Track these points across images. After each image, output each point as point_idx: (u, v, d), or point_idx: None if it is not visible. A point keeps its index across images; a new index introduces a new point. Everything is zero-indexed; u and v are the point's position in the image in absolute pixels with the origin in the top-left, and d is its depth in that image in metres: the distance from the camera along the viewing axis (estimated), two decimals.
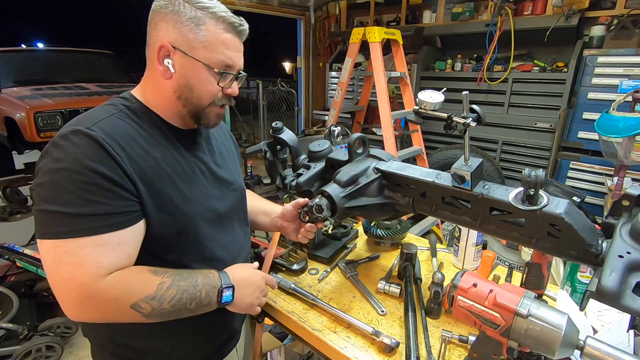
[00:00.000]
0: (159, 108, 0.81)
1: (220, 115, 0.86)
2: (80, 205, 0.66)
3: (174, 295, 0.72)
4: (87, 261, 0.66)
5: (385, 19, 4.83)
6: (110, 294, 0.67)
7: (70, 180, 0.65)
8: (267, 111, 5.95)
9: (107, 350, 0.85)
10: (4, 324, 2.00)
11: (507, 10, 3.34)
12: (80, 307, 0.67)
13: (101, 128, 0.70)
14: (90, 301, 0.66)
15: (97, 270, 0.66)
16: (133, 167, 0.71)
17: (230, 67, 0.79)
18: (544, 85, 3.26)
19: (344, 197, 0.85)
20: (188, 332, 0.87)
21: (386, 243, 1.34)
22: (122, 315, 0.69)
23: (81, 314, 0.68)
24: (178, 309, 0.73)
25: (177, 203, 0.78)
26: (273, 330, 1.59)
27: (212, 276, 0.79)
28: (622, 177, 2.33)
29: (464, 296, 0.69)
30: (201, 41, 0.75)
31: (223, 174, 0.93)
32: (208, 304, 0.78)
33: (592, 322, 0.91)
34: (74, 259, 0.65)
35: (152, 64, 0.78)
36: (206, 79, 0.77)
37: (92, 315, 0.69)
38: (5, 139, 3.89)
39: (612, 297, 0.51)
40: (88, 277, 0.65)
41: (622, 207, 0.63)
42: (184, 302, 0.74)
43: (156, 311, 0.71)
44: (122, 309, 0.68)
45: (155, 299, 0.70)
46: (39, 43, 14.97)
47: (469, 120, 0.73)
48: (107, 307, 0.68)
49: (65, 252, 0.65)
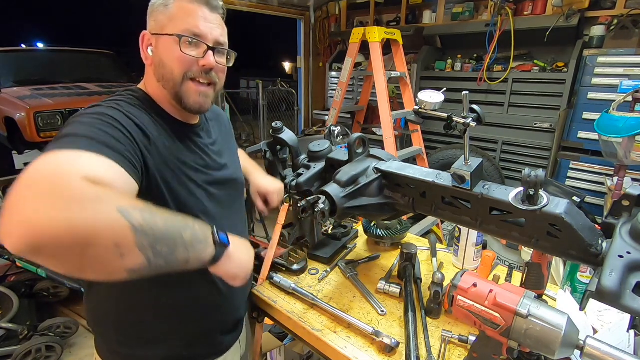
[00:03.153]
0: (157, 99, 0.83)
1: (202, 93, 0.82)
2: (102, 136, 0.63)
3: (167, 216, 0.58)
4: (83, 161, 0.55)
5: (385, 19, 4.83)
6: (93, 191, 0.50)
7: (97, 120, 0.66)
8: (267, 111, 5.94)
9: (113, 342, 0.85)
10: (4, 324, 2.00)
11: (507, 10, 3.33)
12: (47, 208, 0.46)
13: (123, 108, 0.73)
14: (66, 198, 0.48)
15: (89, 172, 0.53)
16: (150, 144, 0.73)
17: (197, 34, 0.78)
18: (544, 85, 3.26)
19: (344, 197, 0.85)
20: (196, 316, 0.87)
21: (386, 243, 1.34)
22: (103, 221, 0.49)
23: (44, 222, 0.45)
24: (172, 234, 0.57)
25: (179, 193, 0.79)
26: (273, 330, 1.59)
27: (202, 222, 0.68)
28: (622, 177, 2.33)
29: (464, 296, 0.69)
30: (168, 17, 0.78)
31: (224, 165, 0.95)
32: (204, 240, 0.64)
33: (592, 322, 0.91)
34: (68, 158, 0.54)
35: (142, 57, 0.83)
36: (172, 47, 0.78)
37: (59, 221, 0.46)
38: (5, 139, 3.88)
39: (612, 297, 0.51)
40: (75, 173, 0.51)
41: (622, 207, 0.63)
42: (178, 227, 0.59)
43: (148, 225, 0.53)
44: (105, 210, 0.50)
45: (146, 211, 0.54)
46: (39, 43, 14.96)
47: (469, 120, 0.73)
48: (85, 208, 0.48)
49: (62, 155, 0.54)
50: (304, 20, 5.31)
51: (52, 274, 2.27)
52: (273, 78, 6.21)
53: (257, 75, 6.79)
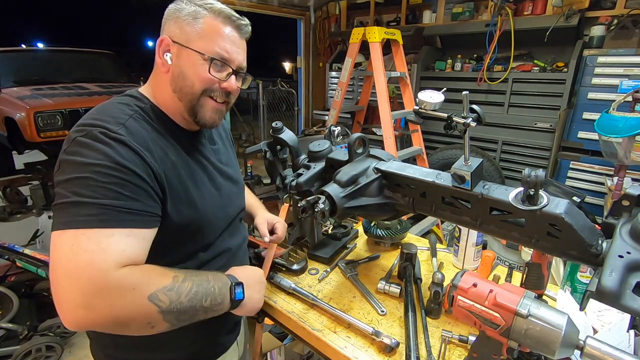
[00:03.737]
0: (164, 106, 0.83)
1: (217, 111, 0.84)
2: (114, 198, 0.65)
3: (190, 288, 0.69)
4: (112, 248, 0.62)
5: (385, 19, 4.83)
6: (128, 281, 0.62)
7: (105, 175, 0.65)
8: (267, 111, 5.95)
9: (109, 346, 0.85)
10: (4, 324, 2.01)
11: (507, 10, 3.34)
12: (91, 301, 0.59)
13: (127, 131, 0.71)
14: (106, 290, 0.60)
15: (120, 258, 0.62)
16: (159, 168, 0.73)
17: (226, 59, 0.79)
18: (544, 85, 3.26)
19: (344, 197, 0.85)
20: (192, 327, 0.87)
21: (386, 243, 1.34)
22: (137, 309, 0.63)
23: (90, 312, 0.59)
24: (194, 306, 0.70)
25: (193, 203, 0.80)
26: (273, 330, 1.59)
27: (221, 275, 0.80)
28: (622, 177, 2.33)
29: (464, 296, 0.69)
30: (197, 32, 0.77)
31: (229, 172, 0.97)
32: (222, 302, 0.76)
33: (592, 322, 0.91)
34: (98, 246, 0.61)
35: (156, 61, 0.81)
36: (199, 65, 0.77)
37: (104, 310, 0.60)
38: (5, 139, 3.88)
39: (612, 297, 0.51)
40: (109, 264, 0.61)
41: (622, 207, 0.63)
42: (200, 297, 0.71)
43: (174, 305, 0.66)
44: (138, 301, 0.63)
45: (172, 291, 0.67)
46: (39, 43, 14.96)
47: (469, 120, 0.73)
48: (122, 298, 0.61)
49: (87, 239, 0.61)
50: (304, 20, 5.31)
51: None
52: (273, 78, 6.21)
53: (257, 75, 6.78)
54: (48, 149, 3.69)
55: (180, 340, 0.87)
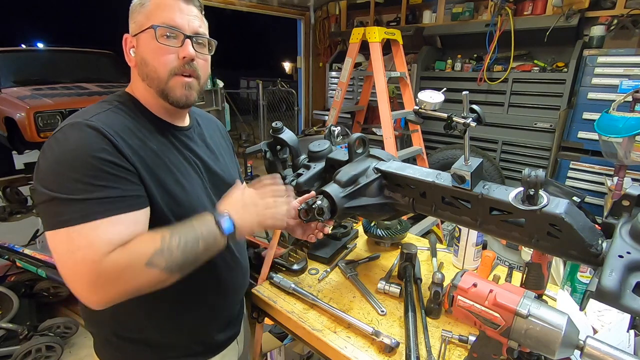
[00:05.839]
0: (142, 99, 0.83)
1: (187, 85, 0.82)
2: (91, 191, 0.66)
3: (179, 241, 0.71)
4: (99, 240, 0.65)
5: (385, 19, 4.83)
6: (122, 262, 0.66)
7: (76, 168, 0.66)
8: (267, 111, 5.95)
9: (112, 344, 0.85)
10: (4, 324, 2.00)
11: (507, 10, 3.34)
12: (98, 287, 0.65)
13: (100, 119, 0.72)
14: (105, 276, 0.65)
15: (107, 247, 0.66)
16: (134, 155, 0.73)
17: (175, 27, 0.78)
18: (544, 85, 3.26)
19: (344, 197, 0.85)
20: (190, 323, 0.87)
21: (386, 243, 1.34)
22: (143, 278, 0.67)
23: (102, 294, 0.66)
24: (190, 254, 0.71)
25: (176, 193, 0.80)
26: (273, 330, 1.59)
27: (204, 215, 0.77)
28: (622, 177, 2.33)
29: (464, 296, 0.69)
30: (145, 15, 0.78)
31: (217, 168, 0.94)
32: (214, 239, 0.75)
33: (592, 322, 0.91)
34: (86, 240, 0.65)
35: (127, 60, 0.83)
36: (150, 41, 0.77)
37: (113, 290, 0.66)
38: (5, 139, 3.88)
39: (612, 297, 0.51)
40: (98, 254, 0.64)
41: (622, 207, 0.63)
42: (191, 245, 0.72)
43: (171, 262, 0.69)
44: (138, 272, 0.67)
45: (164, 250, 0.69)
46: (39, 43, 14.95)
47: (469, 120, 0.73)
48: (123, 277, 0.66)
49: (79, 236, 0.65)
50: (304, 20, 5.31)
51: (52, 274, 2.27)
52: (273, 78, 6.21)
53: (257, 75, 6.79)
54: None
55: (176, 337, 0.87)
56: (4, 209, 3.84)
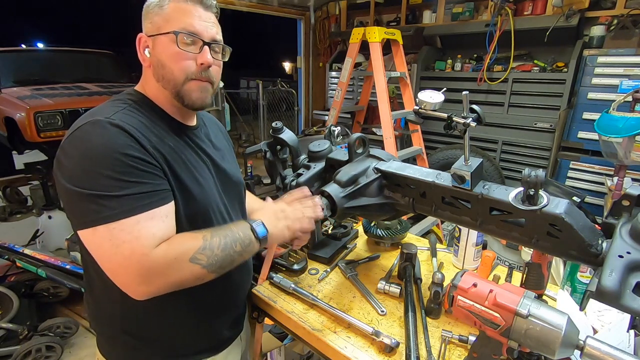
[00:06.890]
0: (155, 99, 0.84)
1: (203, 88, 0.84)
2: (126, 187, 0.68)
3: (220, 241, 0.76)
4: (144, 233, 0.69)
5: (385, 19, 4.83)
6: (169, 256, 0.70)
7: (107, 166, 0.68)
8: (267, 111, 5.95)
9: (118, 341, 0.86)
10: (4, 324, 2.01)
11: (507, 10, 3.33)
12: (147, 279, 0.69)
13: (119, 117, 0.74)
14: (154, 268, 0.69)
15: (153, 240, 0.69)
16: (155, 152, 0.75)
17: (192, 32, 0.79)
18: (544, 85, 3.26)
19: (344, 197, 0.85)
20: (201, 319, 0.89)
21: (386, 243, 1.34)
22: (186, 273, 0.72)
23: (150, 286, 0.70)
24: (228, 253, 0.76)
25: (193, 189, 0.82)
26: (273, 330, 1.59)
27: (241, 222, 0.83)
28: (622, 177, 2.33)
29: (464, 296, 0.69)
30: (164, 18, 0.79)
31: (226, 166, 0.97)
32: (250, 242, 0.80)
33: (592, 322, 0.91)
34: (131, 235, 0.68)
35: (140, 59, 0.84)
36: (169, 46, 0.78)
37: (160, 281, 0.70)
38: (5, 139, 3.88)
39: (612, 297, 0.51)
40: (147, 248, 0.68)
41: (622, 207, 0.63)
42: (230, 246, 0.77)
43: (212, 259, 0.74)
44: (183, 266, 0.71)
45: (206, 249, 0.74)
46: (39, 43, 14.94)
47: (469, 120, 0.73)
48: (170, 270, 0.70)
49: (121, 231, 0.67)
50: (304, 20, 5.31)
51: (52, 274, 2.27)
52: (273, 78, 6.21)
53: (257, 75, 6.78)
54: (48, 149, 3.68)
55: (186, 334, 0.88)
56: (4, 209, 3.84)
